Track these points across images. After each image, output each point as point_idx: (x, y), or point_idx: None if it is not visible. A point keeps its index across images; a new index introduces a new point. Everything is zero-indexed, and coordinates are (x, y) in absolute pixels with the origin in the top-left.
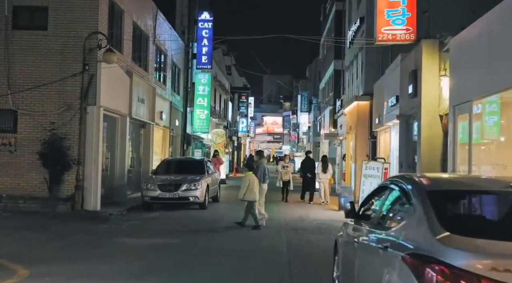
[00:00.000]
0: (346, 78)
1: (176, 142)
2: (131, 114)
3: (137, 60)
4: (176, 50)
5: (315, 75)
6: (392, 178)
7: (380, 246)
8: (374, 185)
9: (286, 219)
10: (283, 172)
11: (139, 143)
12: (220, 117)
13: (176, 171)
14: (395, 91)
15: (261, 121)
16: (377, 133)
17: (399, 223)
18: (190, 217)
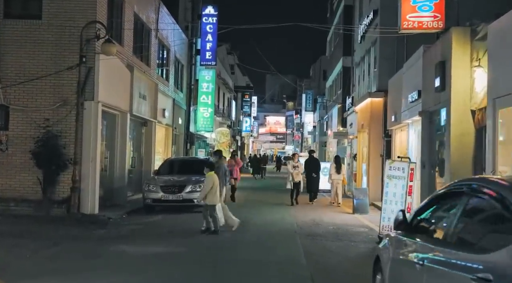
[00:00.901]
0: (356, 75)
1: (179, 141)
2: (132, 111)
3: (138, 54)
4: (179, 46)
5: (319, 74)
6: (464, 181)
7: (472, 276)
8: (399, 186)
9: (299, 223)
10: (294, 173)
11: (140, 142)
12: (223, 117)
13: (179, 171)
14: (417, 86)
15: (264, 121)
16: (392, 132)
17: (500, 245)
18: (195, 221)
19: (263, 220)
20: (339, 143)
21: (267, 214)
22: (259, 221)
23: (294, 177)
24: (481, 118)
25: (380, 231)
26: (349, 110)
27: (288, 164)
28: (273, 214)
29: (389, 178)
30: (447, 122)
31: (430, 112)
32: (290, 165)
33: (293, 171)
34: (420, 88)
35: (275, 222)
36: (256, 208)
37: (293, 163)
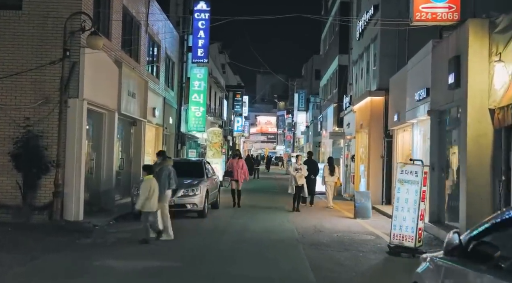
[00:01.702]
0: (353, 74)
1: (169, 141)
2: (120, 110)
3: (127, 49)
4: (170, 42)
5: (311, 73)
6: None
7: None
8: (411, 192)
9: (300, 230)
10: (298, 176)
11: (129, 142)
12: (215, 116)
13: None
14: (425, 83)
15: (255, 121)
16: (394, 132)
17: None
18: (188, 228)
19: (261, 227)
20: (334, 143)
21: (264, 220)
22: (258, 227)
23: (298, 180)
24: (502, 118)
25: (391, 240)
26: (347, 110)
27: (290, 166)
28: (271, 219)
29: (400, 183)
30: (462, 122)
31: (440, 112)
32: (293, 167)
33: (296, 174)
34: (428, 86)
35: (275, 229)
36: (252, 213)
37: (296, 165)
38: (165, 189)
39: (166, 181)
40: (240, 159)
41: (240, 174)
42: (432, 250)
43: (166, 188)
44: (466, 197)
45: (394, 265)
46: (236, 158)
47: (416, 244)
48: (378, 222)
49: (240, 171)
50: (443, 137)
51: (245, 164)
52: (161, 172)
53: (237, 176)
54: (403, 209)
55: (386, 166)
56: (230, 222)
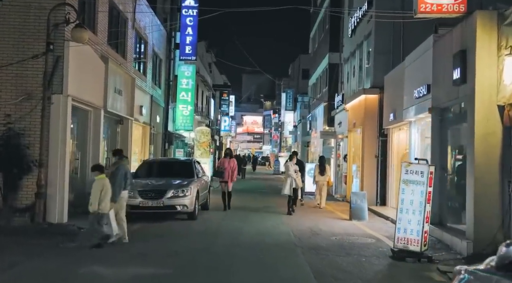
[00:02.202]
0: (345, 72)
1: (157, 140)
2: (106, 107)
3: (113, 44)
4: (157, 39)
5: (298, 73)
6: None
7: None
8: (417, 193)
9: (295, 232)
10: (297, 178)
11: (115, 141)
12: (202, 115)
13: (159, 174)
14: (425, 80)
15: (241, 121)
16: (389, 131)
17: None
18: (178, 231)
19: (255, 229)
20: (325, 143)
21: (258, 221)
22: (251, 230)
23: (298, 183)
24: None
25: (395, 243)
26: (338, 109)
27: (290, 166)
28: (265, 221)
29: (405, 183)
30: (469, 119)
31: (442, 109)
32: (292, 168)
33: (295, 176)
34: (429, 83)
35: (270, 232)
36: (244, 214)
37: (295, 166)
38: (120, 189)
39: (122, 181)
40: (232, 159)
41: (231, 175)
42: (438, 254)
43: (122, 189)
44: (474, 197)
45: (400, 270)
46: (228, 157)
47: (422, 248)
48: (375, 224)
49: (231, 171)
50: (444, 136)
51: (236, 164)
52: (117, 171)
53: (227, 177)
54: (407, 211)
55: (380, 165)
56: (222, 224)
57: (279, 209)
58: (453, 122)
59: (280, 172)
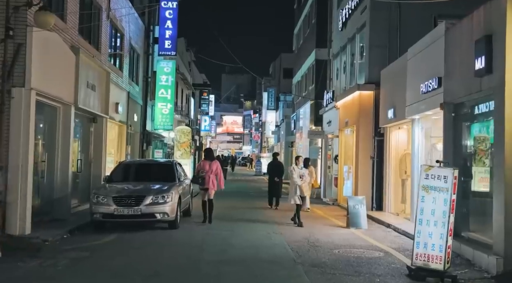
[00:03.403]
0: (334, 68)
1: (134, 140)
2: (77, 104)
3: (86, 34)
4: (135, 32)
5: (279, 72)
6: None
7: None
8: (439, 201)
9: (291, 244)
10: (303, 184)
11: (88, 141)
12: (182, 114)
13: (137, 177)
14: (435, 72)
15: (221, 121)
16: (386, 130)
17: None
18: (158, 242)
19: (246, 240)
20: (311, 143)
21: (247, 230)
22: (242, 241)
23: (303, 191)
24: None
25: (413, 260)
26: (328, 107)
27: (293, 171)
28: (254, 230)
29: (425, 190)
30: (496, 115)
31: (456, 105)
32: (296, 173)
33: (300, 182)
34: (440, 75)
35: (262, 243)
36: (230, 221)
37: (299, 170)
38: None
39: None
40: (213, 161)
41: (213, 181)
42: (462, 272)
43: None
44: (505, 206)
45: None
46: (208, 159)
47: (445, 266)
48: (376, 233)
49: (214, 177)
50: (459, 135)
51: (220, 168)
52: None
53: (209, 183)
54: (428, 222)
55: (376, 167)
56: (207, 234)
57: (268, 214)
58: (471, 119)
59: (262, 173)
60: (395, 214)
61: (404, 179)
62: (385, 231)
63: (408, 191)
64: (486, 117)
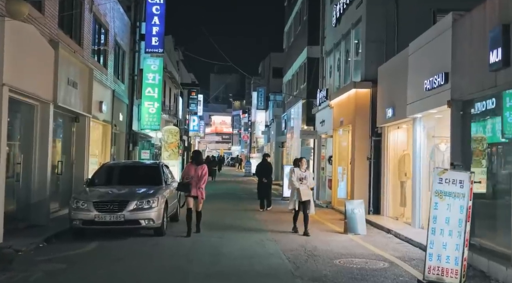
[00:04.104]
0: (327, 66)
1: (119, 141)
2: (56, 101)
3: (66, 28)
4: (120, 28)
5: (269, 71)
6: None
7: None
8: (455, 208)
9: (287, 253)
10: (302, 188)
11: (70, 142)
12: (170, 114)
13: (120, 181)
14: (441, 67)
15: (209, 121)
16: (384, 130)
17: None
18: (143, 251)
19: (238, 249)
20: (303, 143)
21: (238, 237)
22: (234, 250)
23: (301, 195)
24: None
25: (425, 274)
26: (321, 106)
27: (292, 174)
28: (247, 237)
29: (439, 196)
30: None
31: (465, 102)
32: (295, 176)
33: (299, 185)
34: (447, 70)
35: (256, 252)
36: (220, 227)
37: (300, 172)
38: None
39: None
40: (201, 166)
41: (199, 188)
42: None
43: None
44: None
45: None
46: (195, 164)
47: (461, 280)
48: (377, 239)
49: (200, 182)
50: (467, 134)
51: (206, 173)
52: None
53: (196, 191)
54: (442, 232)
55: (373, 169)
56: (196, 242)
57: (260, 217)
58: (482, 117)
59: (251, 174)
60: (394, 218)
61: (403, 181)
62: (386, 237)
63: (408, 194)
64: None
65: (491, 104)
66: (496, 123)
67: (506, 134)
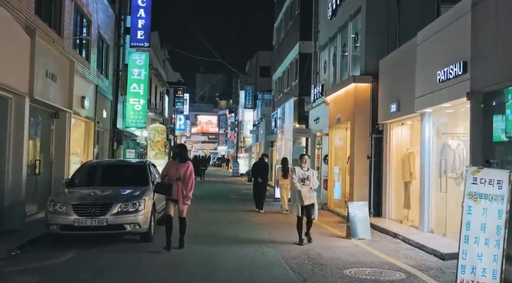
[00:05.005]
0: (321, 61)
1: (103, 139)
2: (33, 94)
3: (45, 17)
4: (104, 20)
5: (256, 70)
6: None
7: None
8: (492, 213)
9: (290, 262)
10: (304, 190)
11: (49, 139)
12: (156, 113)
13: (103, 181)
14: (458, 56)
15: (195, 121)
16: (386, 127)
17: None
18: (128, 261)
19: (235, 259)
20: (295, 142)
21: (235, 244)
22: (231, 259)
23: (303, 198)
24: None
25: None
26: (315, 102)
27: (293, 174)
28: (243, 243)
29: (473, 198)
30: None
31: (487, 94)
32: (297, 176)
33: (301, 187)
34: (466, 59)
35: (255, 261)
36: (213, 231)
37: (302, 171)
38: None
39: None
40: (184, 163)
41: (182, 189)
42: None
43: None
44: None
45: None
46: (177, 160)
47: None
48: (384, 245)
49: (187, 186)
50: (489, 129)
51: (192, 173)
52: None
53: (178, 194)
54: (477, 240)
55: (374, 168)
56: (187, 249)
57: (254, 220)
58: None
59: (239, 174)
60: (398, 221)
61: (408, 182)
62: (393, 242)
63: (415, 195)
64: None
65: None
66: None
67: None
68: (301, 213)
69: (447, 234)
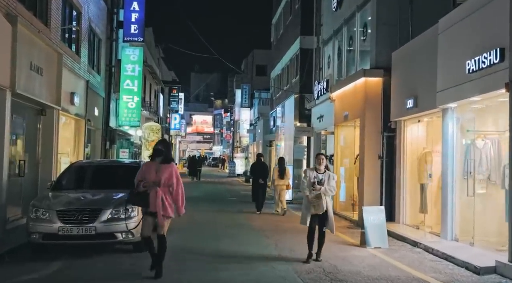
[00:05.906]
0: (324, 56)
1: (95, 138)
2: (14, 88)
3: (29, 3)
4: (96, 13)
5: (252, 69)
6: None
7: None
8: None
9: (305, 277)
10: (313, 197)
11: (35, 138)
12: (151, 111)
13: (93, 184)
14: (493, 43)
15: (190, 120)
16: (400, 124)
17: None
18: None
19: (241, 274)
20: (295, 142)
21: (239, 255)
22: (236, 275)
23: (314, 205)
24: None
25: None
26: (319, 99)
27: (305, 176)
28: (247, 253)
29: None
30: None
31: None
32: (308, 179)
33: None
34: (503, 45)
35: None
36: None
37: (314, 174)
38: None
39: None
40: (166, 165)
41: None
42: None
43: None
44: None
45: None
46: (157, 160)
47: None
48: (404, 255)
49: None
50: None
51: (178, 177)
52: None
53: (156, 205)
54: None
55: (386, 169)
56: (185, 260)
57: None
58: None
59: (236, 175)
60: (414, 226)
61: (424, 184)
62: (414, 251)
63: (434, 199)
64: None
65: None
66: None
67: None
68: (313, 223)
69: (475, 243)
